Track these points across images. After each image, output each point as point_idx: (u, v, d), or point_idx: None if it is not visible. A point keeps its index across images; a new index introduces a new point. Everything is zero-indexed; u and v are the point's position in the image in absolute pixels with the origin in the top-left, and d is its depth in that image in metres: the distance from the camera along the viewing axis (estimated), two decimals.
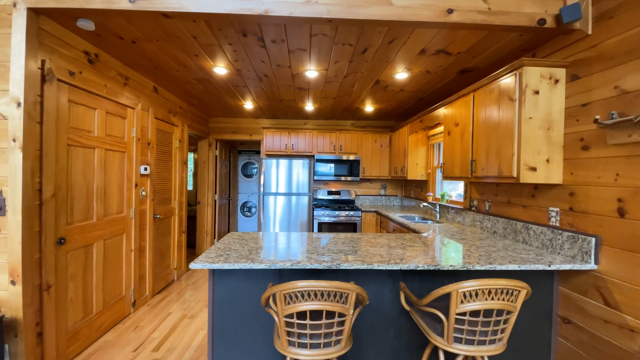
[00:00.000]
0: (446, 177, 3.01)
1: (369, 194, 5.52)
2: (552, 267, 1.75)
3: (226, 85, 3.49)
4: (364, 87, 3.48)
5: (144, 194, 3.25)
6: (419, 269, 1.72)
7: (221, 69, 2.96)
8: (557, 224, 2.03)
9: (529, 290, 1.41)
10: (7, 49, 1.85)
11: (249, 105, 4.46)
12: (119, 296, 2.88)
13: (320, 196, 5.28)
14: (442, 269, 1.72)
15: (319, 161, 5.01)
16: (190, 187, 6.82)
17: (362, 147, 5.13)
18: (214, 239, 5.51)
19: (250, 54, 2.61)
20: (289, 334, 1.43)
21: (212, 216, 5.47)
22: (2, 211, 1.84)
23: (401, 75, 3.04)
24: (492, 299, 1.40)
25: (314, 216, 4.70)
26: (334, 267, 1.71)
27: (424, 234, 2.62)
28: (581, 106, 1.85)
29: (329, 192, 5.29)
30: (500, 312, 1.65)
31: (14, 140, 1.82)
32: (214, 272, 1.92)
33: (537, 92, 1.96)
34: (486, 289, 1.38)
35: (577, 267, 1.75)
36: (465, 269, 1.73)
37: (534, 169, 1.97)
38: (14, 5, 1.80)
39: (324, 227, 4.68)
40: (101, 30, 2.20)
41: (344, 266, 1.71)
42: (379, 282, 1.98)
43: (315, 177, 4.98)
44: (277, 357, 1.96)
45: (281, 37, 2.28)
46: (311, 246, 2.10)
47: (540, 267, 1.74)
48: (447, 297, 1.91)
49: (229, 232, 6.31)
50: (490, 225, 2.73)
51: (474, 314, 1.59)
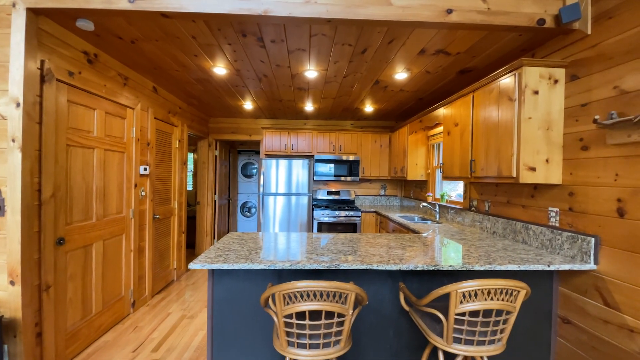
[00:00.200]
0: (446, 177, 3.00)
1: (369, 194, 5.52)
2: (552, 267, 1.75)
3: (226, 85, 3.49)
4: (364, 87, 3.48)
5: (143, 194, 3.24)
6: (418, 269, 1.72)
7: (221, 69, 2.96)
8: (557, 224, 2.03)
9: (528, 290, 1.41)
10: (7, 49, 1.85)
11: (248, 105, 4.46)
12: (119, 296, 2.87)
13: (319, 196, 5.28)
14: (441, 269, 1.72)
15: (319, 161, 5.00)
16: (190, 188, 6.82)
17: (361, 147, 5.13)
18: (214, 239, 5.51)
19: (249, 54, 2.61)
20: (288, 334, 1.43)
21: (212, 216, 5.47)
22: (1, 211, 1.84)
23: (401, 75, 3.04)
24: (492, 299, 1.40)
25: (313, 216, 4.69)
26: (334, 268, 1.71)
27: (423, 234, 2.62)
28: (580, 106, 1.85)
29: (329, 193, 5.28)
30: (499, 312, 1.65)
31: (13, 140, 1.82)
32: (213, 272, 1.92)
33: (536, 92, 1.96)
34: (485, 289, 1.38)
35: (576, 267, 1.75)
36: (464, 269, 1.73)
37: (533, 169, 1.97)
38: (13, 5, 1.80)
39: (323, 227, 4.68)
40: (100, 30, 2.20)
41: (344, 266, 1.71)
42: (378, 282, 1.98)
43: (315, 178, 4.98)
44: (276, 357, 1.96)
45: (280, 37, 2.28)
46: (311, 246, 2.10)
47: (539, 267, 1.74)
48: (446, 297, 1.91)
49: (228, 232, 6.30)
50: (489, 225, 2.73)
51: (474, 314, 1.59)
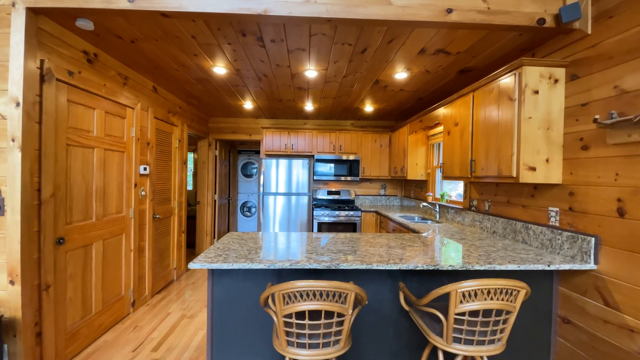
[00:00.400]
0: (446, 177, 3.00)
1: (369, 194, 5.52)
2: (552, 267, 1.75)
3: (225, 85, 3.49)
4: (364, 87, 3.48)
5: (143, 193, 3.24)
6: (418, 269, 1.72)
7: (220, 69, 2.96)
8: (557, 224, 2.02)
9: (528, 290, 1.41)
10: (6, 48, 1.85)
11: (248, 105, 4.45)
12: (118, 296, 2.87)
13: (319, 196, 5.28)
14: (441, 269, 1.72)
15: (319, 161, 5.00)
16: (190, 187, 6.82)
17: (361, 147, 5.13)
18: (214, 239, 5.51)
19: (249, 54, 2.60)
20: (287, 334, 1.43)
21: (212, 216, 5.47)
22: (1, 211, 1.84)
23: (401, 75, 3.04)
24: (492, 299, 1.40)
25: (313, 216, 4.69)
26: (333, 267, 1.71)
27: (423, 234, 2.62)
28: (581, 106, 1.85)
29: (329, 192, 5.28)
30: (499, 312, 1.64)
31: (13, 140, 1.82)
32: (213, 272, 1.92)
33: (536, 92, 1.96)
34: (485, 289, 1.38)
35: (576, 267, 1.75)
36: (464, 268, 1.72)
37: (533, 169, 1.97)
38: (13, 5, 1.80)
39: (323, 227, 4.68)
40: (100, 30, 2.20)
41: (343, 266, 1.71)
42: (378, 282, 1.98)
43: (315, 177, 4.98)
44: (276, 357, 1.96)
45: (280, 37, 2.28)
46: (310, 246, 2.10)
47: (539, 267, 1.74)
48: (446, 297, 1.90)
49: (228, 232, 6.30)
50: (489, 225, 2.73)
51: (473, 314, 1.58)
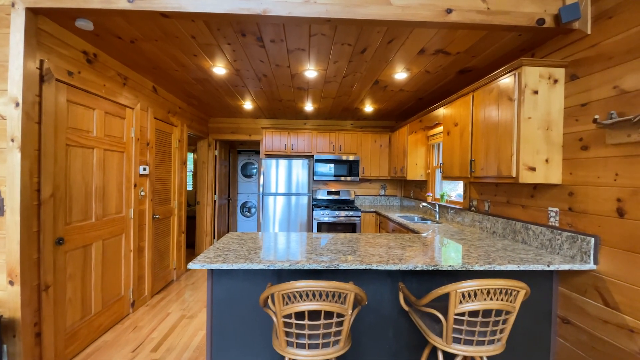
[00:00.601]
0: (445, 177, 3.00)
1: (369, 194, 5.52)
2: (552, 267, 1.75)
3: (225, 85, 3.49)
4: (363, 87, 3.48)
5: (143, 194, 3.24)
6: (417, 269, 1.72)
7: (220, 69, 2.96)
8: (557, 224, 2.02)
9: (527, 290, 1.41)
10: (6, 48, 1.84)
11: (248, 105, 4.45)
12: (118, 296, 2.87)
13: (319, 196, 5.28)
14: (441, 269, 1.72)
15: (319, 161, 5.00)
16: (189, 187, 6.82)
17: (361, 147, 5.13)
18: (214, 239, 5.51)
19: (249, 54, 2.60)
20: (287, 334, 1.43)
21: (212, 216, 5.47)
22: (0, 211, 1.83)
23: (400, 75, 3.04)
24: (491, 299, 1.40)
25: (313, 216, 4.69)
26: (333, 268, 1.71)
27: (423, 234, 2.62)
28: (580, 106, 1.85)
29: (329, 192, 5.28)
30: (499, 312, 1.64)
31: (12, 140, 1.82)
32: (212, 272, 1.92)
33: (536, 92, 1.96)
34: (485, 289, 1.38)
35: (576, 267, 1.75)
36: (464, 269, 1.72)
37: (533, 169, 1.97)
38: (13, 5, 1.80)
39: (323, 227, 4.68)
40: (100, 30, 2.20)
41: (343, 266, 1.71)
42: (377, 282, 1.98)
43: (314, 177, 4.98)
44: (275, 357, 1.96)
45: (280, 37, 2.28)
46: (310, 246, 2.10)
47: (539, 267, 1.74)
48: (446, 297, 1.90)
49: (228, 232, 6.30)
50: (489, 225, 2.73)
51: (473, 314, 1.58)
